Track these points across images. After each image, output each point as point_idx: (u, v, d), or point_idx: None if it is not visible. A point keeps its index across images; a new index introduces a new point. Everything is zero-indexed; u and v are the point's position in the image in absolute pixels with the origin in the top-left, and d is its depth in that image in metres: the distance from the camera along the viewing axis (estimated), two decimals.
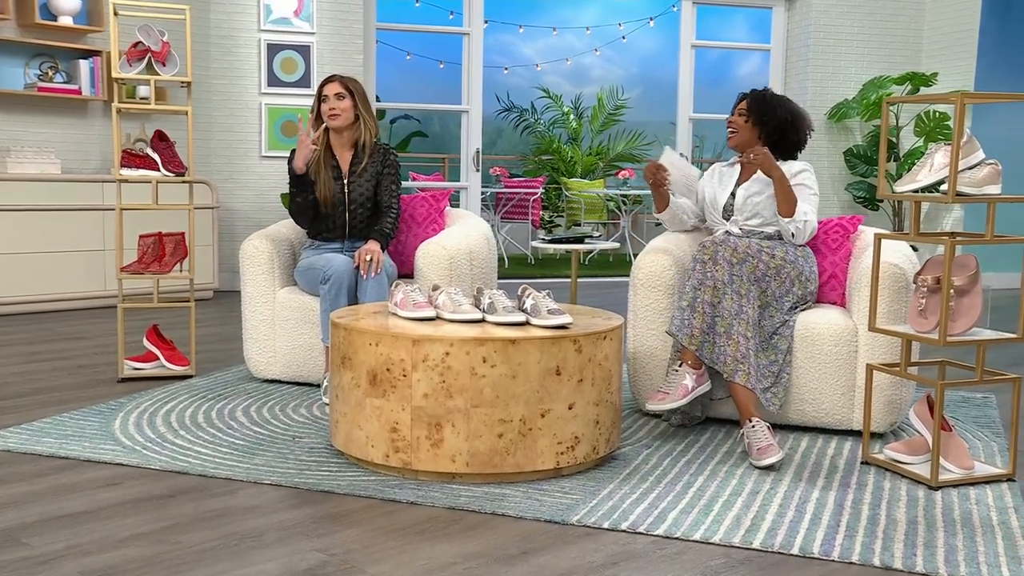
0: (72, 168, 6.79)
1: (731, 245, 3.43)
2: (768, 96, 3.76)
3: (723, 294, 3.38)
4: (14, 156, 6.23)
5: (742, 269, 3.41)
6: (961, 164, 3.00)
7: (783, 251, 3.55)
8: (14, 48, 6.50)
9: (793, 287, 3.54)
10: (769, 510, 2.76)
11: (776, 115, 3.71)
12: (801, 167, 3.73)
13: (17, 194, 6.10)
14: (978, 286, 3.04)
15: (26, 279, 6.15)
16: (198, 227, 6.91)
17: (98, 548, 2.40)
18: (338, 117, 4.02)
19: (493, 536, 2.53)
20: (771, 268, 3.48)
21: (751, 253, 3.44)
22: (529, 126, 14.02)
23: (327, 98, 4.03)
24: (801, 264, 3.58)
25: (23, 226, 6.12)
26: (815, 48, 8.53)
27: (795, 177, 3.68)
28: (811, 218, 3.62)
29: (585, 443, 3.03)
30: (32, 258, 6.17)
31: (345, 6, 7.67)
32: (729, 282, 3.39)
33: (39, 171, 6.31)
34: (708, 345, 3.38)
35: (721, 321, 3.37)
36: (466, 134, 8.35)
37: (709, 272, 3.40)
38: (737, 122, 3.76)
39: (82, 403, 3.84)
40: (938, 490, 2.96)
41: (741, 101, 3.79)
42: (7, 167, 6.20)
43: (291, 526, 2.58)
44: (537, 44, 15.39)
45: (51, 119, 6.69)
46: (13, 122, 6.52)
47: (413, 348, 2.89)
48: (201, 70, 7.39)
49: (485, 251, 4.28)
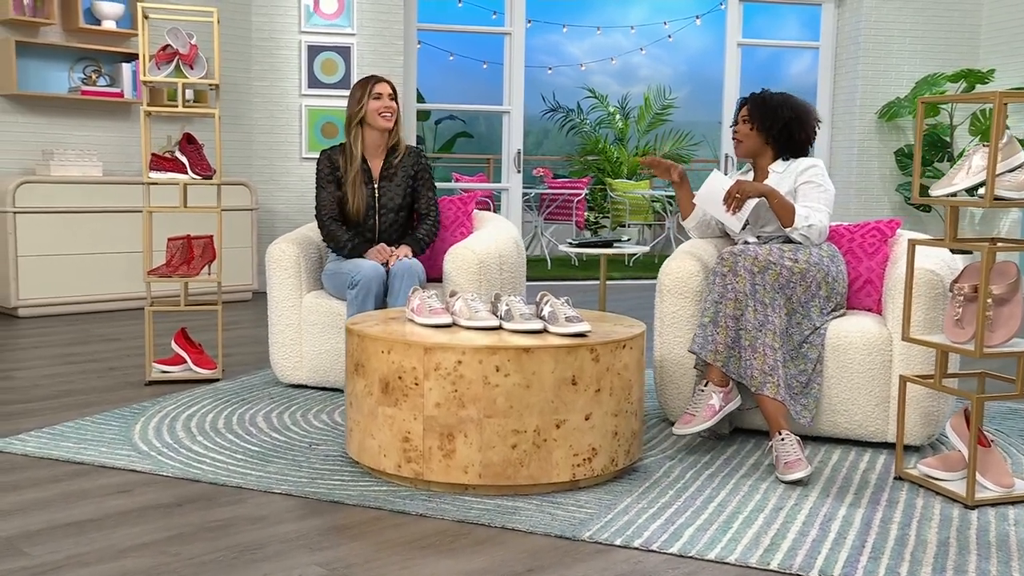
0: (114, 170, 6.84)
1: (751, 254, 3.30)
2: (768, 97, 3.61)
3: (745, 306, 3.25)
4: (57, 158, 6.29)
5: (764, 278, 3.28)
6: (1001, 167, 2.85)
7: (806, 254, 3.41)
8: (59, 52, 6.57)
9: (819, 291, 3.41)
10: (791, 528, 2.64)
11: (779, 116, 3.56)
12: (808, 164, 3.58)
13: (59, 196, 6.15)
14: (1019, 295, 2.89)
15: (67, 280, 6.20)
16: (237, 229, 6.93)
17: (98, 559, 2.36)
18: (391, 117, 4.00)
19: (499, 552, 2.45)
20: (795, 273, 3.35)
21: (772, 260, 3.31)
22: (575, 126, 13.91)
23: (381, 96, 3.99)
24: (827, 265, 3.44)
25: (64, 228, 6.18)
26: (865, 46, 8.31)
27: (803, 175, 3.54)
28: (815, 219, 3.45)
29: (603, 455, 2.93)
30: (72, 260, 6.22)
31: (386, 7, 7.64)
32: (751, 293, 3.26)
33: (81, 173, 6.36)
34: (734, 360, 3.25)
35: (745, 334, 3.24)
36: (507, 135, 8.28)
37: (730, 284, 3.27)
38: (742, 130, 3.63)
39: (107, 406, 3.83)
40: (974, 509, 2.82)
41: (742, 107, 3.66)
42: (50, 169, 6.25)
43: (294, 538, 2.52)
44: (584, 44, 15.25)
45: (94, 122, 6.75)
46: (57, 125, 6.58)
47: (425, 356, 2.82)
48: (242, 72, 7.40)
49: (514, 255, 4.20)
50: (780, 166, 3.63)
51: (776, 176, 3.59)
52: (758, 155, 3.64)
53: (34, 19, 6.27)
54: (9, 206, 5.95)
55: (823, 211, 3.49)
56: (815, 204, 3.50)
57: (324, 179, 4.08)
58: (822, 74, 8.70)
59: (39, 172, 6.35)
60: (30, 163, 6.47)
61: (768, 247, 3.37)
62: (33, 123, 6.48)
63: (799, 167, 3.56)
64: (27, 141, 6.47)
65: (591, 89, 13.55)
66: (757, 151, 3.62)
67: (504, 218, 4.46)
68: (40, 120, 6.51)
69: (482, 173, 12.10)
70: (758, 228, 3.62)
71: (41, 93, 6.34)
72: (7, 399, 3.93)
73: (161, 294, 6.61)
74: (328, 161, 4.10)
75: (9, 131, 6.39)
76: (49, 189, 6.13)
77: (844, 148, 8.54)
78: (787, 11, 9.25)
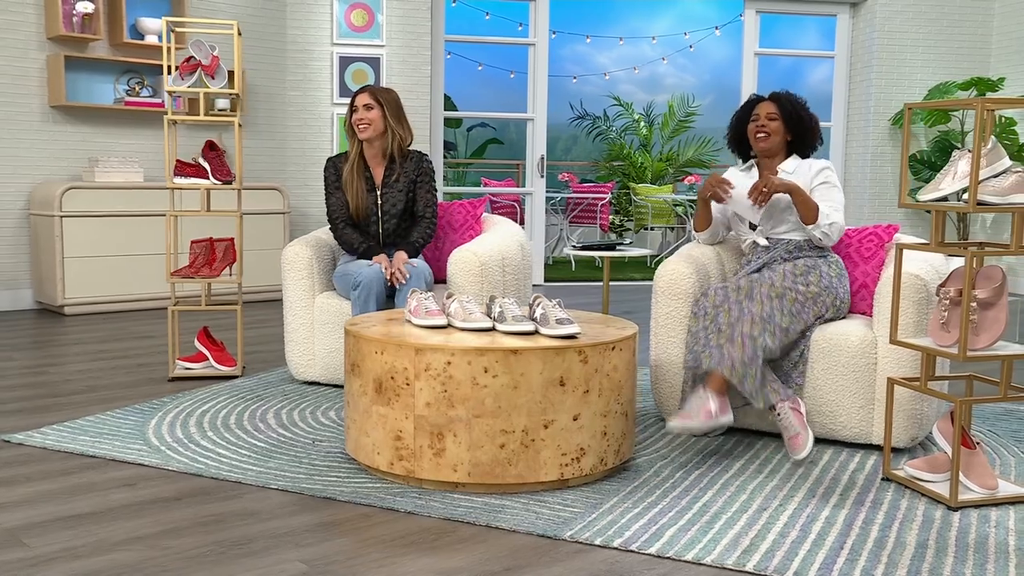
0: (155, 176, 6.85)
1: (767, 280, 3.22)
2: (794, 97, 3.54)
3: (763, 330, 3.11)
4: (101, 165, 6.30)
5: (783, 303, 3.18)
6: (986, 172, 2.72)
7: (817, 276, 3.31)
8: (105, 66, 6.59)
9: (827, 312, 3.33)
10: (772, 529, 2.53)
11: (806, 116, 3.52)
12: (823, 164, 3.50)
13: (102, 201, 6.17)
14: (1004, 299, 2.75)
15: (108, 280, 6.21)
16: (269, 232, 6.91)
17: (90, 552, 2.32)
18: (368, 128, 3.91)
19: (480, 550, 2.37)
20: (808, 298, 3.25)
21: (788, 286, 3.23)
22: (601, 133, 13.76)
23: (357, 109, 3.92)
24: (836, 286, 3.34)
25: (107, 231, 6.19)
26: (879, 55, 8.12)
27: (818, 175, 3.46)
28: (836, 218, 3.37)
29: (592, 455, 2.84)
30: (114, 261, 6.23)
31: (414, 20, 7.59)
32: (770, 317, 3.13)
33: (124, 179, 6.37)
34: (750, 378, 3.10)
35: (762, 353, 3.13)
36: (531, 141, 8.19)
37: (746, 308, 3.14)
38: (772, 127, 3.50)
39: (128, 401, 3.80)
40: (957, 511, 2.69)
41: (757, 104, 3.55)
42: (95, 176, 6.27)
43: (283, 534, 2.46)
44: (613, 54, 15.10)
45: (137, 131, 6.76)
46: (103, 134, 6.60)
47: (416, 357, 2.74)
48: (277, 82, 7.39)
49: (519, 258, 4.11)
50: (791, 165, 3.52)
51: (785, 176, 3.48)
52: (777, 153, 3.54)
53: (82, 35, 6.29)
54: (56, 210, 5.97)
55: (839, 212, 3.40)
56: (834, 204, 3.41)
57: (331, 185, 4.02)
58: (837, 82, 8.51)
59: (85, 178, 6.37)
60: (78, 170, 6.50)
61: (782, 271, 3.27)
62: (81, 132, 6.51)
63: (814, 168, 3.48)
64: (76, 149, 6.49)
65: (616, 97, 13.41)
66: (779, 148, 3.53)
67: (511, 221, 4.38)
68: (88, 129, 6.53)
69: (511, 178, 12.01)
70: (769, 229, 3.50)
71: (88, 104, 6.36)
72: (38, 393, 3.91)
73: (190, 294, 6.60)
74: (333, 168, 4.04)
75: (59, 140, 6.42)
76: (93, 194, 6.14)
77: (859, 154, 8.35)
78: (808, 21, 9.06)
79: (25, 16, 6.23)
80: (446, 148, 13.42)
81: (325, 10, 7.45)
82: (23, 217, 6.32)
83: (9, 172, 6.24)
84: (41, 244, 6.18)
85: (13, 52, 6.20)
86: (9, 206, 6.26)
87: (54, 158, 6.41)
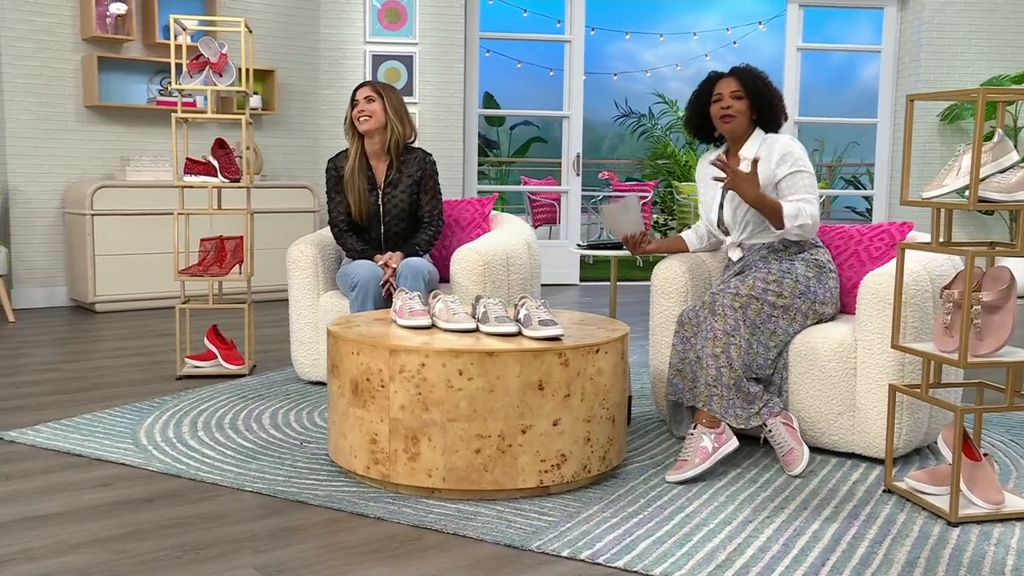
0: None
1: (731, 291, 3.03)
2: (756, 72, 3.23)
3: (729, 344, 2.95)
4: (133, 164, 6.36)
5: (747, 313, 3.01)
6: (992, 167, 2.55)
7: (792, 282, 3.09)
8: (138, 66, 6.64)
9: (807, 320, 3.15)
10: (753, 543, 2.40)
11: (767, 94, 3.19)
12: (785, 148, 3.16)
13: (132, 200, 6.22)
14: (1011, 302, 2.58)
15: (137, 278, 6.26)
16: (299, 230, 6.91)
17: (46, 554, 2.28)
18: (368, 120, 3.84)
19: (441, 560, 2.28)
20: (778, 308, 3.08)
21: (755, 295, 3.04)
22: (646, 131, 13.55)
23: (358, 102, 3.86)
24: (814, 289, 3.13)
25: (136, 229, 6.24)
26: (927, 48, 7.83)
27: (782, 162, 3.16)
28: (804, 215, 3.08)
29: (573, 461, 2.73)
30: (143, 259, 6.27)
31: (447, 17, 7.53)
32: (734, 330, 2.98)
33: (154, 178, 6.41)
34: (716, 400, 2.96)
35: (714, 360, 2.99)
36: (567, 139, 8.08)
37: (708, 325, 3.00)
38: (736, 106, 3.20)
39: (132, 400, 3.79)
40: (957, 527, 2.53)
41: (718, 82, 3.26)
42: (126, 175, 6.33)
43: (245, 539, 2.40)
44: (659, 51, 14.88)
45: (169, 130, 6.80)
46: (136, 133, 6.66)
47: (390, 358, 2.67)
48: (311, 81, 7.39)
49: (525, 257, 4.01)
50: (752, 147, 3.22)
51: (747, 163, 3.21)
52: (743, 134, 3.26)
53: (116, 36, 6.35)
54: (88, 209, 6.04)
55: (812, 201, 3.14)
56: (802, 195, 3.15)
57: (332, 188, 3.96)
58: (883, 77, 8.24)
59: (117, 177, 6.43)
60: (111, 169, 6.56)
61: (751, 280, 3.07)
62: (115, 132, 6.57)
63: (774, 151, 3.17)
64: (109, 148, 6.56)
65: (660, 94, 13.17)
66: (745, 129, 3.24)
67: (521, 220, 4.28)
68: (121, 129, 6.60)
69: (552, 177, 11.89)
70: (740, 236, 3.30)
71: (122, 104, 6.42)
72: (45, 390, 3.93)
73: (206, 292, 6.63)
74: (334, 168, 3.97)
75: (93, 140, 6.49)
76: (123, 193, 6.19)
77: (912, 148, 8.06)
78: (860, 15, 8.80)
79: (61, 18, 6.31)
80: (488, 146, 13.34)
81: (358, 8, 7.43)
82: (58, 215, 6.40)
83: (45, 171, 6.33)
84: (74, 242, 6.26)
85: (50, 54, 6.28)
86: (45, 205, 6.35)
87: (88, 157, 6.48)
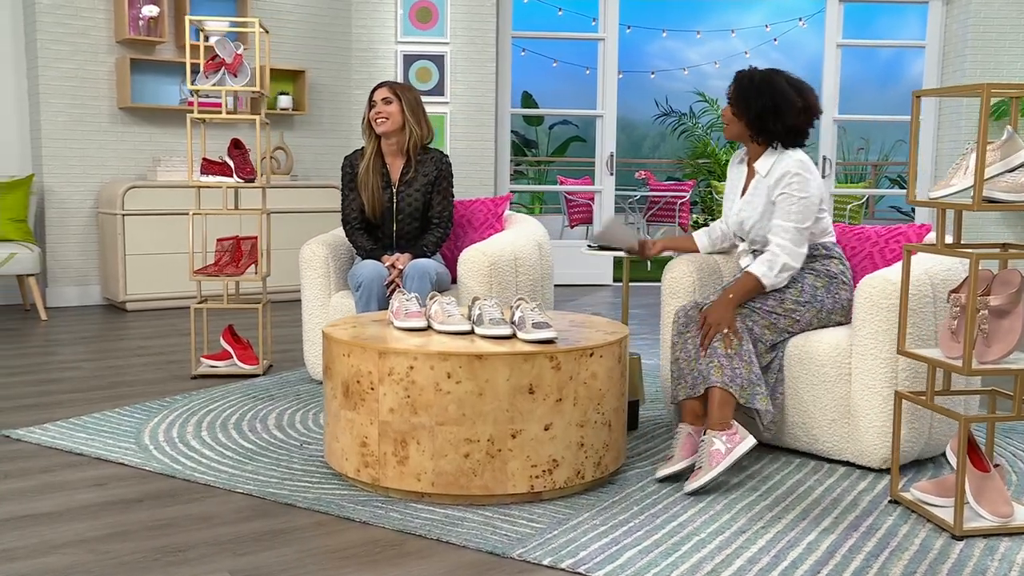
0: None
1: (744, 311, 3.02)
2: (750, 80, 3.09)
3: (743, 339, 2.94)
4: (163, 165, 6.43)
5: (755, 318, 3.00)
6: (1000, 167, 2.45)
7: (797, 291, 3.05)
8: (170, 68, 6.72)
9: (809, 326, 3.09)
10: (743, 555, 2.33)
11: (753, 104, 3.04)
12: (785, 167, 3.03)
13: (162, 200, 6.28)
14: (1021, 306, 2.47)
15: (167, 277, 6.33)
16: (325, 230, 6.94)
17: (29, 554, 2.29)
18: (386, 122, 3.82)
19: (420, 567, 2.24)
20: (775, 314, 3.04)
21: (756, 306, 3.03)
22: (687, 130, 13.38)
23: (375, 103, 3.84)
24: (821, 298, 3.07)
25: (166, 229, 6.31)
26: (973, 43, 7.62)
27: (779, 184, 3.03)
28: (778, 264, 2.98)
29: (566, 467, 2.68)
30: (172, 258, 6.34)
31: (479, 16, 7.50)
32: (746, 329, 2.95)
33: (184, 179, 6.48)
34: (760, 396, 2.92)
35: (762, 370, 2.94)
36: (600, 138, 8.02)
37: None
38: (726, 113, 3.19)
39: (143, 399, 3.82)
40: (961, 540, 2.43)
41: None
42: (157, 175, 6.40)
43: (227, 541, 2.38)
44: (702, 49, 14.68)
45: (200, 130, 6.87)
46: (168, 134, 6.74)
47: (379, 360, 2.64)
48: (343, 80, 7.42)
49: (535, 258, 3.96)
50: (766, 162, 3.10)
51: (758, 179, 3.15)
52: (744, 141, 3.16)
53: (148, 38, 6.43)
54: (119, 209, 6.11)
55: (786, 231, 2.99)
56: (776, 237, 3.00)
57: (346, 185, 3.95)
58: (927, 72, 8.03)
59: (149, 178, 6.51)
60: (143, 169, 6.64)
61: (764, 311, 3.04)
62: (147, 132, 6.66)
63: (776, 172, 3.05)
64: (142, 149, 6.64)
65: (701, 93, 13.00)
66: (741, 136, 3.14)
67: (534, 220, 4.23)
68: (153, 130, 6.68)
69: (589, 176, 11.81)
70: (750, 245, 3.21)
71: (154, 105, 6.50)
72: (61, 388, 3.97)
73: (226, 292, 6.67)
74: (349, 166, 3.97)
75: (126, 140, 6.57)
76: (153, 193, 6.26)
77: (950, 149, 7.86)
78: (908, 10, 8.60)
79: (96, 21, 6.40)
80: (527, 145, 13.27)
81: (389, 8, 7.43)
82: (92, 215, 6.49)
83: (79, 172, 6.42)
84: (106, 242, 6.34)
85: (84, 56, 6.37)
86: (80, 205, 6.44)
87: (121, 158, 6.57)
